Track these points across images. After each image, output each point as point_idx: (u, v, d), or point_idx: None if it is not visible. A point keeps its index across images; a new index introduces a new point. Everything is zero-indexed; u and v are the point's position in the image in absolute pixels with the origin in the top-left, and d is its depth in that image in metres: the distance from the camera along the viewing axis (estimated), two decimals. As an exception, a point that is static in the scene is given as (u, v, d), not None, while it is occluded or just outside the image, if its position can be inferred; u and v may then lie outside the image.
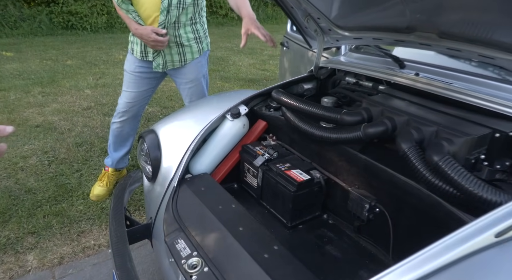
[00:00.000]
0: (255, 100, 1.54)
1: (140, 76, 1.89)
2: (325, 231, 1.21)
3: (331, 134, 1.09)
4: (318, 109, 1.14)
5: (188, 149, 1.29)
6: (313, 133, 1.16)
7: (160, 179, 1.30)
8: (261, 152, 1.33)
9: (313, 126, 1.18)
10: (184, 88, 1.97)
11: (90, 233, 1.82)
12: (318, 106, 1.16)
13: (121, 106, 1.97)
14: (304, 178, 1.17)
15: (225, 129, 1.36)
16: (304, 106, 1.20)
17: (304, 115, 1.23)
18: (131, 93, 1.93)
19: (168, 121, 1.44)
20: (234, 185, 1.48)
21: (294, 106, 1.24)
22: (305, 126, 1.20)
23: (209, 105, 1.52)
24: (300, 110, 1.22)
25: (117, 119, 2.00)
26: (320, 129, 1.14)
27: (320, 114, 1.13)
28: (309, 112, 1.18)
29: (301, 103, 1.22)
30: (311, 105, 1.17)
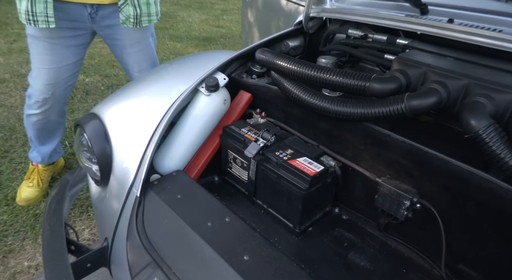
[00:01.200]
0: (232, 65, 1.21)
1: (61, 44, 1.38)
2: (342, 231, 0.99)
3: (355, 109, 0.82)
4: (332, 74, 0.85)
5: (151, 138, 0.95)
6: (325, 108, 0.88)
7: (114, 184, 0.96)
8: (251, 136, 1.03)
9: (323, 97, 0.90)
10: (129, 53, 1.54)
11: (22, 252, 1.44)
12: (332, 70, 0.87)
13: (38, 92, 1.44)
14: (317, 170, 0.91)
15: (200, 107, 1.02)
16: (309, 70, 0.90)
17: (307, 81, 0.93)
18: (51, 70, 1.41)
19: (116, 100, 1.06)
20: (215, 178, 1.18)
21: (292, 70, 0.94)
22: (310, 97, 0.92)
23: (172, 75, 1.16)
24: (302, 75, 0.92)
25: (36, 110, 1.49)
26: (336, 102, 0.87)
27: (336, 82, 0.85)
28: (317, 79, 0.88)
29: (304, 66, 0.92)
30: (321, 69, 0.88)
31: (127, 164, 0.94)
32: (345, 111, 0.84)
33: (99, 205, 1.04)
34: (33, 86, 1.46)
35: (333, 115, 0.88)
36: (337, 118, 0.88)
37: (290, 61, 0.96)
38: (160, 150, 1.02)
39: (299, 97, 0.95)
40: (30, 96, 1.49)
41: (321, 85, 0.88)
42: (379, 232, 0.98)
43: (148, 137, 0.96)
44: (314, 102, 0.91)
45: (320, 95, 0.91)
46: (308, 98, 0.92)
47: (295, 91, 0.96)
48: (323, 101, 0.89)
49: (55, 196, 1.11)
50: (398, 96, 0.77)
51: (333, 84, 0.85)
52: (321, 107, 0.89)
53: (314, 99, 0.91)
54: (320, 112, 0.91)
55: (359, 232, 0.99)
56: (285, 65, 0.97)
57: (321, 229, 0.99)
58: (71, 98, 2.56)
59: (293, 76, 0.96)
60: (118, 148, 0.96)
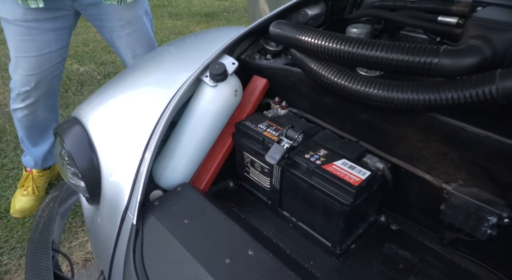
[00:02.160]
0: (241, 45, 0.99)
1: (39, 28, 1.20)
2: (394, 247, 0.80)
3: (418, 95, 0.61)
4: (381, 48, 0.64)
5: (148, 145, 0.77)
6: (372, 95, 0.67)
7: (106, 206, 0.79)
8: (271, 134, 0.84)
9: (372, 82, 0.69)
10: (120, 36, 1.33)
11: (20, 272, 1.31)
12: (378, 43, 0.65)
13: (18, 84, 1.30)
14: (362, 177, 0.71)
15: (205, 102, 0.83)
16: (345, 45, 0.69)
17: (341, 60, 0.72)
18: (30, 59, 1.25)
19: (101, 99, 0.88)
20: (229, 184, 1.00)
21: (320, 46, 0.72)
22: (351, 81, 0.71)
23: (169, 62, 0.96)
24: (334, 52, 0.70)
25: (19, 104, 1.35)
26: (388, 86, 0.65)
27: (387, 59, 0.63)
28: (359, 56, 0.67)
29: (337, 39, 0.70)
30: (364, 43, 0.66)
31: (118, 180, 0.77)
32: (402, 99, 0.63)
33: (92, 228, 0.88)
34: (13, 77, 1.32)
35: (383, 103, 0.67)
36: (388, 108, 0.67)
37: (317, 34, 0.74)
38: (160, 158, 0.83)
39: (333, 82, 0.74)
40: (12, 88, 1.36)
41: (366, 64, 0.67)
42: (442, 247, 0.79)
43: (144, 144, 0.77)
44: (356, 88, 0.70)
45: (363, 78, 0.70)
46: (347, 83, 0.71)
47: (326, 73, 0.75)
48: (368, 86, 0.68)
49: (41, 215, 0.95)
50: (485, 75, 0.55)
51: (382, 62, 0.64)
52: (365, 94, 0.68)
53: (355, 84, 0.70)
54: (364, 100, 0.70)
55: (416, 247, 0.80)
56: (310, 40, 0.75)
57: (366, 246, 0.81)
58: (65, 91, 2.39)
59: (323, 54, 0.74)
60: (107, 159, 0.79)
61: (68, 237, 1.43)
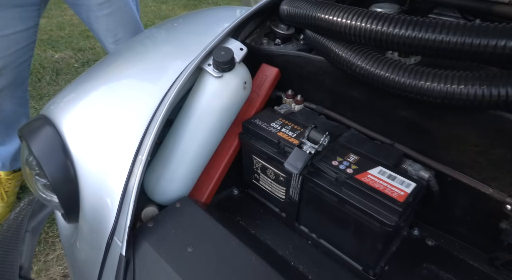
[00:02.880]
0: (246, 27, 0.84)
1: (1, 4, 1.02)
2: (434, 268, 0.69)
3: (493, 90, 0.48)
4: (450, 31, 0.50)
5: (138, 151, 0.62)
6: (432, 91, 0.54)
7: (86, 228, 0.64)
8: (288, 135, 0.70)
9: (422, 73, 0.55)
10: (98, 17, 1.16)
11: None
12: (439, 24, 0.51)
13: None
14: (407, 190, 0.58)
15: (208, 96, 0.68)
16: (392, 26, 0.55)
17: (381, 44, 0.58)
18: None
19: (77, 93, 0.72)
20: (233, 192, 0.86)
21: (352, 26, 0.59)
22: (395, 72, 0.57)
23: (162, 46, 0.80)
24: (374, 35, 0.57)
25: None
26: (449, 78, 0.52)
27: (456, 43, 0.50)
28: (412, 40, 0.53)
29: (383, 19, 0.56)
30: (419, 24, 0.53)
31: (102, 194, 0.62)
32: (468, 94, 0.50)
33: (70, 251, 0.73)
34: None
35: (438, 99, 0.54)
36: (445, 105, 0.54)
37: (349, 12, 0.60)
38: (153, 167, 0.69)
39: (370, 72, 0.60)
40: None
41: (417, 49, 0.53)
42: (487, 266, 0.68)
43: (133, 149, 0.62)
44: (401, 80, 0.56)
45: (411, 68, 0.56)
46: (388, 73, 0.58)
47: (360, 61, 0.62)
48: (420, 78, 0.55)
49: (6, 235, 0.80)
50: None
51: (443, 46, 0.50)
52: (414, 88, 0.55)
53: (401, 75, 0.57)
54: (410, 95, 0.56)
55: (459, 267, 0.69)
56: (340, 19, 0.61)
57: (402, 267, 0.69)
58: (38, 80, 2.17)
59: (358, 37, 0.60)
60: (86, 169, 0.63)
61: (44, 249, 1.27)
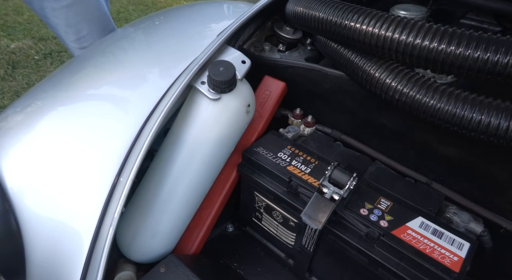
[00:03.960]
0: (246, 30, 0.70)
1: None
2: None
3: None
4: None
5: (111, 197, 0.47)
6: (486, 127, 0.42)
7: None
8: (300, 170, 0.57)
9: (480, 104, 0.43)
10: (56, 9, 0.96)
11: None
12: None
13: None
14: (461, 253, 0.47)
15: (202, 124, 0.53)
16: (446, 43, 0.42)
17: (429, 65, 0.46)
18: None
19: (25, 116, 0.55)
20: (228, 228, 0.72)
21: (382, 37, 0.46)
22: (446, 102, 0.45)
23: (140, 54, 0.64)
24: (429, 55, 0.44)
25: None
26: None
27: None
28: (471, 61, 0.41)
29: (432, 31, 0.44)
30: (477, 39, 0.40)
31: (57, 257, 0.46)
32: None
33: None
34: None
35: (495, 140, 0.41)
36: (500, 144, 0.42)
37: (380, 18, 0.47)
38: (129, 216, 0.53)
39: (409, 97, 0.48)
40: None
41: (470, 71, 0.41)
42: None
43: (103, 197, 0.47)
44: (453, 111, 0.44)
45: (463, 98, 0.44)
46: (435, 102, 0.45)
47: (396, 83, 0.48)
48: (475, 110, 0.42)
49: None
50: None
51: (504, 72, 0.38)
52: (467, 121, 0.43)
53: (451, 105, 0.44)
54: (459, 130, 0.44)
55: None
56: (373, 30, 0.48)
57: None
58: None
59: (390, 51, 0.47)
60: (34, 222, 0.48)
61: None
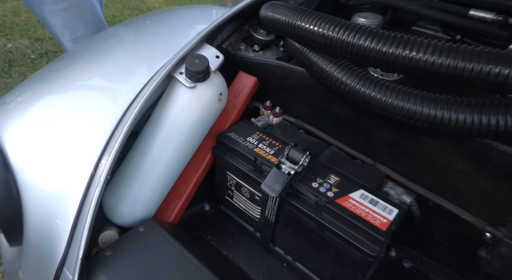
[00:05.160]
0: (224, 30, 0.79)
1: None
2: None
3: (485, 117, 0.46)
4: (448, 53, 0.47)
5: (97, 167, 0.55)
6: (413, 113, 0.51)
7: (32, 252, 0.56)
8: (265, 151, 0.65)
9: (409, 95, 0.53)
10: (53, 11, 1.05)
11: None
12: (441, 46, 0.48)
13: None
14: (390, 217, 0.56)
15: (179, 109, 0.61)
16: (383, 44, 0.52)
17: (369, 61, 0.55)
18: None
19: (25, 99, 0.63)
20: (204, 207, 0.81)
21: (338, 40, 0.55)
22: (381, 92, 0.55)
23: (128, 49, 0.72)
24: (367, 53, 0.53)
25: None
26: (437, 102, 0.50)
27: (459, 68, 0.47)
28: (402, 59, 0.50)
29: (370, 34, 0.53)
30: (415, 43, 0.50)
31: (51, 216, 0.54)
32: (457, 120, 0.47)
33: (12, 278, 0.64)
34: None
35: (426, 124, 0.51)
36: (431, 130, 0.51)
37: (337, 24, 0.56)
38: (114, 183, 0.61)
39: (353, 89, 0.57)
40: None
41: (409, 70, 0.50)
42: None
43: (91, 165, 0.55)
44: (387, 100, 0.53)
45: (398, 89, 0.53)
46: (372, 92, 0.55)
47: (344, 78, 0.58)
48: (408, 100, 0.52)
49: None
50: None
51: (447, 72, 0.47)
52: (398, 109, 0.52)
53: (387, 95, 0.53)
54: (394, 116, 0.53)
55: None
56: (326, 32, 0.57)
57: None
58: (-11, 72, 1.98)
59: (340, 50, 0.56)
60: (32, 186, 0.56)
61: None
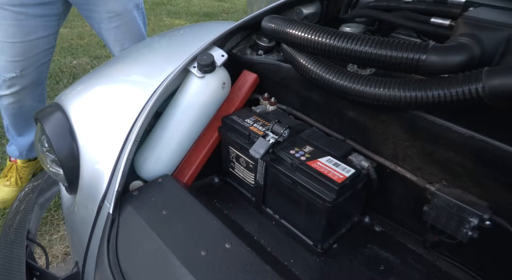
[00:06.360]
0: (233, 38, 0.98)
1: (25, 14, 1.18)
2: (376, 249, 0.79)
3: (404, 92, 0.61)
4: (370, 43, 0.63)
5: (130, 134, 0.75)
6: (359, 92, 0.67)
7: (84, 195, 0.77)
8: (257, 128, 0.82)
9: (358, 78, 0.68)
10: (108, 29, 1.31)
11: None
12: (368, 38, 0.64)
13: (4, 69, 1.27)
14: (346, 174, 0.70)
15: (192, 93, 0.81)
16: (335, 40, 0.68)
17: (333, 55, 0.71)
18: (15, 44, 1.22)
19: (85, 86, 0.86)
20: (214, 179, 0.98)
21: (313, 41, 0.72)
22: (338, 77, 0.70)
23: (156, 53, 0.94)
24: (326, 47, 0.70)
25: (6, 90, 1.32)
26: (375, 83, 0.65)
27: (376, 54, 0.62)
28: (348, 51, 0.66)
29: (329, 35, 0.70)
30: (353, 38, 0.66)
31: (98, 168, 0.75)
32: (387, 95, 0.62)
33: (69, 217, 0.86)
34: None
35: (369, 100, 0.66)
36: (375, 105, 0.66)
37: (308, 28, 0.74)
38: (142, 149, 0.82)
39: (321, 77, 0.73)
40: None
41: (354, 59, 0.66)
42: (423, 249, 0.78)
43: (125, 133, 0.76)
44: (342, 83, 0.69)
45: (350, 74, 0.69)
46: (334, 78, 0.71)
47: (315, 68, 0.75)
48: (355, 82, 0.67)
49: (19, 205, 0.93)
50: (472, 73, 0.54)
51: (371, 57, 0.63)
52: (352, 90, 0.67)
53: (342, 79, 0.69)
54: (350, 97, 0.69)
55: (398, 249, 0.79)
56: (301, 34, 0.75)
57: (349, 246, 0.79)
58: (57, 82, 2.36)
59: (313, 49, 0.73)
60: (87, 147, 0.77)
61: (49, 229, 1.40)
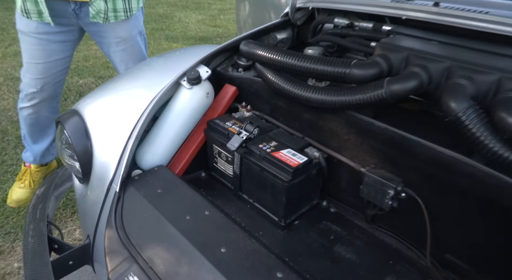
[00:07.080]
0: (217, 58, 1.20)
1: (48, 40, 1.42)
2: (329, 224, 0.97)
3: (336, 97, 0.81)
4: (313, 62, 0.85)
5: (132, 133, 0.95)
6: (308, 97, 0.87)
7: (95, 181, 0.96)
8: (235, 129, 1.02)
9: (306, 87, 0.89)
10: (116, 51, 1.54)
11: (12, 253, 1.44)
12: (312, 58, 0.86)
13: (28, 85, 1.50)
14: (300, 161, 0.89)
15: (182, 101, 1.02)
16: (290, 59, 0.90)
17: (290, 71, 0.93)
18: (38, 65, 1.45)
19: (97, 96, 1.06)
20: (201, 174, 1.17)
21: (274, 60, 0.93)
22: (293, 87, 0.91)
23: (154, 69, 1.15)
24: (284, 65, 0.91)
25: (27, 103, 1.54)
26: (317, 90, 0.85)
27: (317, 69, 0.84)
28: (299, 68, 0.88)
29: (285, 55, 0.91)
30: (302, 58, 0.87)
31: (107, 159, 0.94)
32: (326, 100, 0.83)
33: (82, 202, 1.04)
34: (23, 80, 1.53)
35: (315, 104, 0.87)
36: (320, 108, 0.87)
37: (272, 51, 0.95)
38: (142, 145, 1.01)
39: (282, 88, 0.94)
40: (21, 90, 1.55)
41: (302, 73, 0.87)
42: (367, 224, 0.97)
43: (129, 132, 0.95)
44: (297, 92, 0.90)
45: (302, 85, 0.90)
46: (291, 88, 0.92)
47: (278, 81, 0.96)
48: (305, 91, 0.88)
49: (39, 195, 1.11)
50: (378, 82, 0.75)
51: (314, 72, 0.84)
52: (304, 97, 0.88)
53: (297, 89, 0.90)
54: (303, 102, 0.90)
55: (347, 224, 0.97)
56: (266, 55, 0.96)
57: (307, 222, 0.98)
58: (64, 99, 2.57)
59: (276, 66, 0.95)
60: (99, 144, 0.96)
61: (58, 225, 1.57)
